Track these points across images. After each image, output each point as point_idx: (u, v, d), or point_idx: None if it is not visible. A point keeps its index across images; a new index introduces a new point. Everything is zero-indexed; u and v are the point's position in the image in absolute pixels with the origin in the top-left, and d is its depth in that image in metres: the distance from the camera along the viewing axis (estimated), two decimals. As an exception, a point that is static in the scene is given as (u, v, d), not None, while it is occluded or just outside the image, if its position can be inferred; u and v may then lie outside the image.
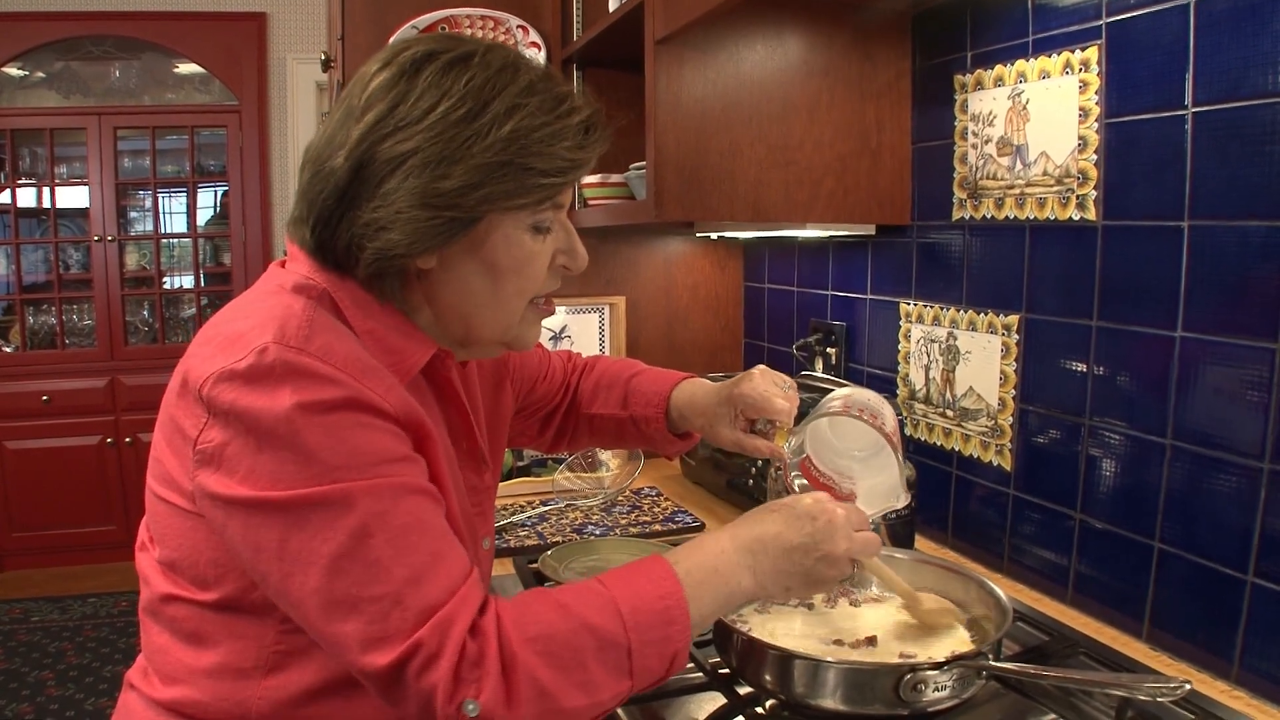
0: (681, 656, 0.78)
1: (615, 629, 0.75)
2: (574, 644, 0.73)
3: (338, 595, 0.71)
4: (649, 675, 0.77)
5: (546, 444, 1.27)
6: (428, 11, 2.02)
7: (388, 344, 0.83)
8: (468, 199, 0.78)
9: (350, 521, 0.71)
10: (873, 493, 1.03)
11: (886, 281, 1.70)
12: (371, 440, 0.74)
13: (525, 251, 0.85)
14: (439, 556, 0.74)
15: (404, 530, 0.73)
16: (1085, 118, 1.23)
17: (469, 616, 0.72)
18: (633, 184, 1.76)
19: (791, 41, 1.54)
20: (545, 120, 0.80)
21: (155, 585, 0.84)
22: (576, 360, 1.28)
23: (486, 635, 0.72)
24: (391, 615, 0.70)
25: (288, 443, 0.71)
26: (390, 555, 0.71)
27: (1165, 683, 0.81)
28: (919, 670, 0.86)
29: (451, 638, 0.70)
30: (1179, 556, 1.14)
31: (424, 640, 0.70)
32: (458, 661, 0.70)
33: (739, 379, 1.06)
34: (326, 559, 0.71)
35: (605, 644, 0.74)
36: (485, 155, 0.78)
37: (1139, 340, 1.18)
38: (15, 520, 4.00)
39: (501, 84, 0.80)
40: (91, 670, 3.25)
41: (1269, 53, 0.99)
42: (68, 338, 4.14)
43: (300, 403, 0.71)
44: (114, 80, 4.20)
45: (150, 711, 0.84)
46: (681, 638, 0.77)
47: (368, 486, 0.72)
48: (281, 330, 0.75)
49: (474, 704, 0.69)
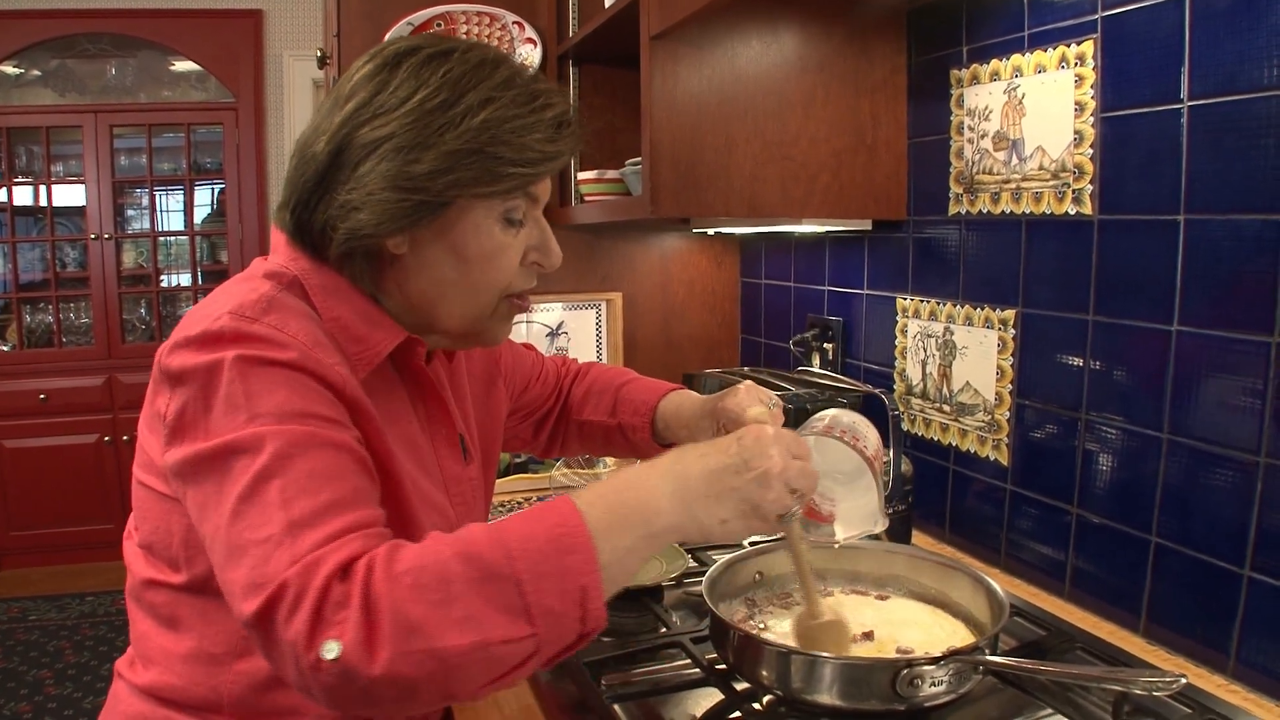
0: (593, 595, 0.67)
1: (499, 559, 0.66)
2: (448, 575, 0.65)
3: (233, 540, 0.68)
4: (553, 618, 0.66)
5: (540, 448, 1.29)
6: (423, 8, 2.02)
7: (354, 332, 0.84)
8: (436, 183, 0.80)
9: (256, 465, 0.69)
10: (851, 515, 1.03)
11: (883, 277, 1.70)
12: (301, 395, 0.74)
13: (495, 242, 0.86)
14: (335, 505, 0.69)
15: (306, 476, 0.69)
16: (1081, 112, 1.23)
17: (342, 558, 0.65)
18: (629, 180, 1.76)
19: (787, 37, 1.54)
20: (518, 113, 0.82)
21: (136, 571, 0.87)
22: (570, 366, 1.29)
23: (354, 575, 0.64)
24: (271, 559, 0.65)
25: (225, 391, 0.72)
26: (283, 500, 0.68)
27: (1161, 677, 0.81)
28: (916, 665, 0.86)
29: (317, 577, 0.64)
30: (1176, 551, 1.14)
31: (289, 581, 0.64)
32: (319, 602, 0.63)
33: (724, 393, 1.05)
34: (231, 502, 0.69)
35: (488, 575, 0.65)
36: (456, 142, 0.80)
37: (1135, 334, 1.18)
38: (13, 519, 4.00)
39: (479, 78, 0.82)
40: (90, 669, 3.25)
41: (1264, 46, 0.99)
42: (65, 336, 4.14)
43: (241, 355, 0.73)
44: (110, 78, 4.19)
45: (133, 698, 0.87)
46: (586, 570, 0.67)
47: (280, 431, 0.70)
48: (239, 306, 0.77)
49: (334, 644, 0.62)
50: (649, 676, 1.05)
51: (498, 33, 2.06)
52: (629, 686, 1.03)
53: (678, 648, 1.09)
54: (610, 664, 1.06)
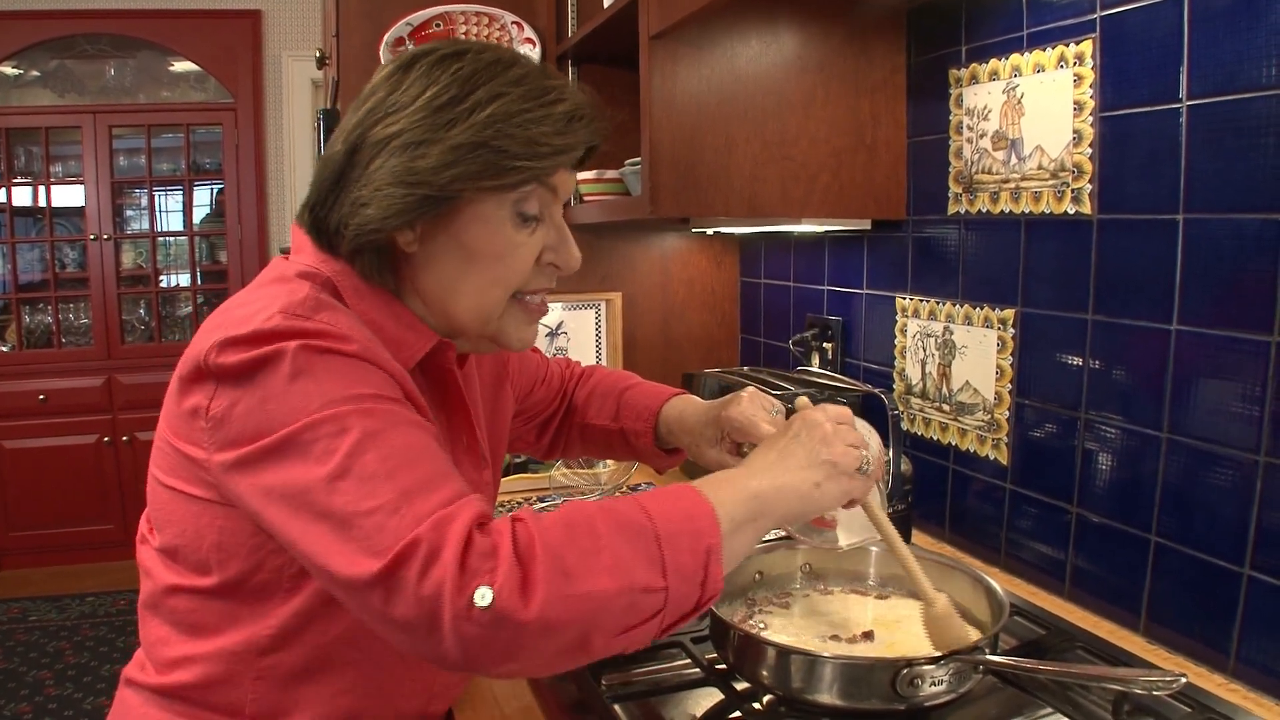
0: (715, 559, 0.72)
1: (639, 516, 0.71)
2: (595, 526, 0.69)
3: (334, 514, 0.67)
4: (682, 576, 0.70)
5: (543, 450, 1.28)
6: (422, 8, 2.02)
7: (388, 334, 0.84)
8: (440, 176, 0.80)
9: (345, 442, 0.69)
10: (853, 521, 1.03)
11: (882, 276, 1.70)
12: (373, 381, 0.75)
13: (504, 239, 0.86)
14: (440, 476, 0.70)
15: (402, 449, 0.70)
16: (1080, 111, 1.23)
17: (474, 513, 0.67)
18: (628, 180, 1.76)
19: (786, 37, 1.54)
20: (526, 106, 0.82)
21: (157, 577, 0.85)
22: (575, 369, 1.29)
23: (499, 529, 0.67)
24: (388, 525, 0.66)
25: (291, 380, 0.71)
26: (386, 471, 0.68)
27: (1161, 676, 0.81)
28: (916, 665, 0.86)
29: (454, 531, 0.65)
30: (1175, 550, 1.14)
31: (422, 537, 0.65)
32: (463, 552, 0.64)
33: (728, 400, 1.05)
34: (323, 481, 0.68)
35: (631, 527, 0.69)
36: (461, 136, 0.80)
37: (1134, 334, 1.18)
38: (13, 519, 4.00)
39: (489, 75, 0.82)
40: (90, 669, 3.25)
41: (1263, 46, 0.99)
42: (64, 337, 4.13)
43: (305, 344, 0.73)
44: (109, 78, 4.19)
45: (148, 705, 0.86)
46: (712, 533, 0.72)
47: (364, 410, 0.71)
48: (289, 305, 0.76)
49: (488, 590, 0.63)
50: (649, 676, 1.05)
51: (496, 33, 2.06)
52: (629, 686, 1.03)
53: (678, 648, 1.09)
54: (610, 664, 1.06)
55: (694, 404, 1.13)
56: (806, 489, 0.83)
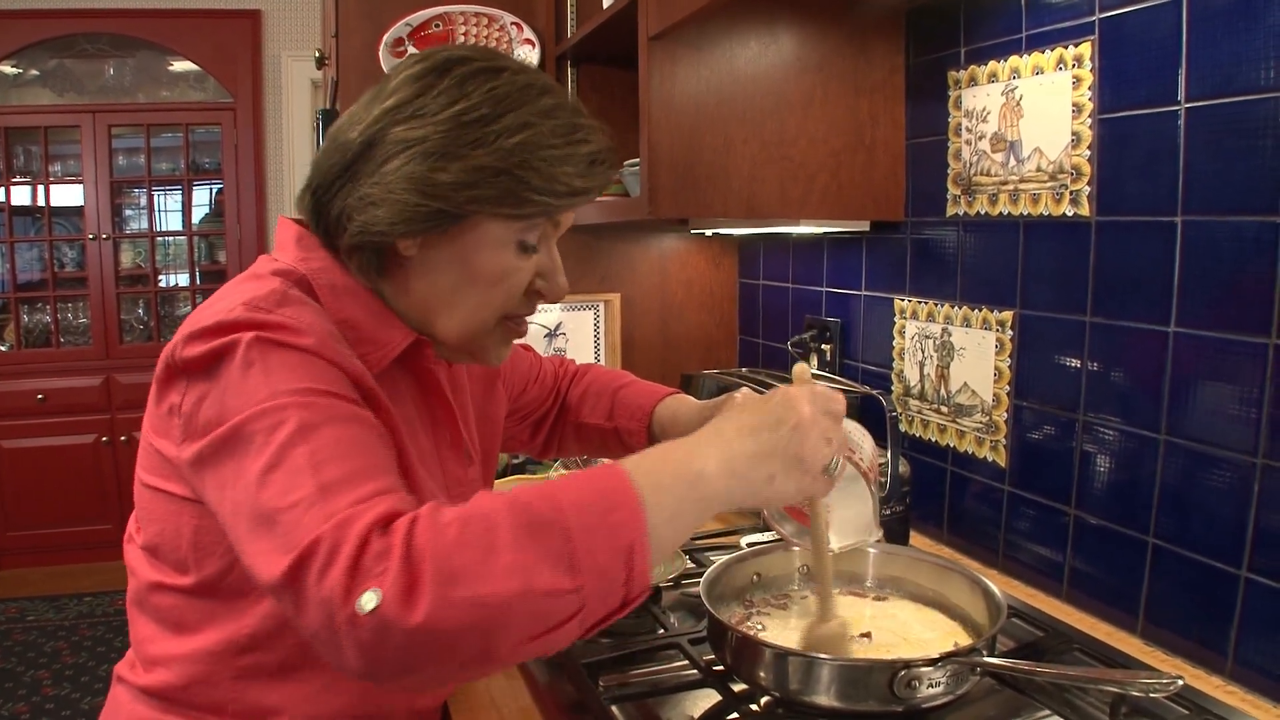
0: (640, 555, 0.65)
1: (547, 509, 0.64)
2: (494, 523, 0.63)
3: (260, 509, 0.66)
4: (599, 574, 0.64)
5: (538, 449, 1.29)
6: (422, 8, 2.02)
7: (364, 332, 0.84)
8: (458, 195, 0.80)
9: (281, 434, 0.68)
10: (846, 524, 1.03)
11: (881, 278, 1.70)
12: (322, 376, 0.74)
13: (505, 264, 0.86)
14: (368, 470, 0.68)
15: (334, 442, 0.68)
16: (1079, 113, 1.23)
17: (381, 512, 0.64)
18: (627, 181, 1.76)
19: (785, 37, 1.54)
20: (554, 142, 0.82)
21: (141, 574, 0.87)
22: (569, 367, 1.29)
23: (396, 528, 0.62)
24: (303, 521, 0.63)
25: (242, 370, 0.72)
26: (312, 465, 0.66)
27: (1159, 678, 0.81)
28: (913, 667, 0.86)
29: (354, 530, 0.62)
30: (1173, 552, 1.14)
31: (323, 536, 0.62)
32: (357, 553, 0.61)
33: (720, 403, 1.05)
34: (255, 474, 0.67)
35: (536, 523, 0.63)
36: (485, 159, 0.80)
37: (1133, 336, 1.18)
38: (10, 519, 3.99)
39: (522, 100, 0.82)
40: (87, 669, 3.24)
41: (1261, 48, 0.99)
42: (62, 336, 4.13)
43: (259, 336, 0.73)
44: (108, 78, 4.19)
45: (135, 702, 0.87)
46: (634, 527, 0.65)
47: (304, 402, 0.70)
48: (252, 299, 0.77)
49: (372, 595, 0.59)
50: (647, 678, 1.05)
51: (496, 33, 2.06)
52: (627, 688, 1.03)
53: (675, 649, 1.09)
54: (608, 665, 1.06)
55: (687, 405, 1.13)
56: (759, 483, 0.76)
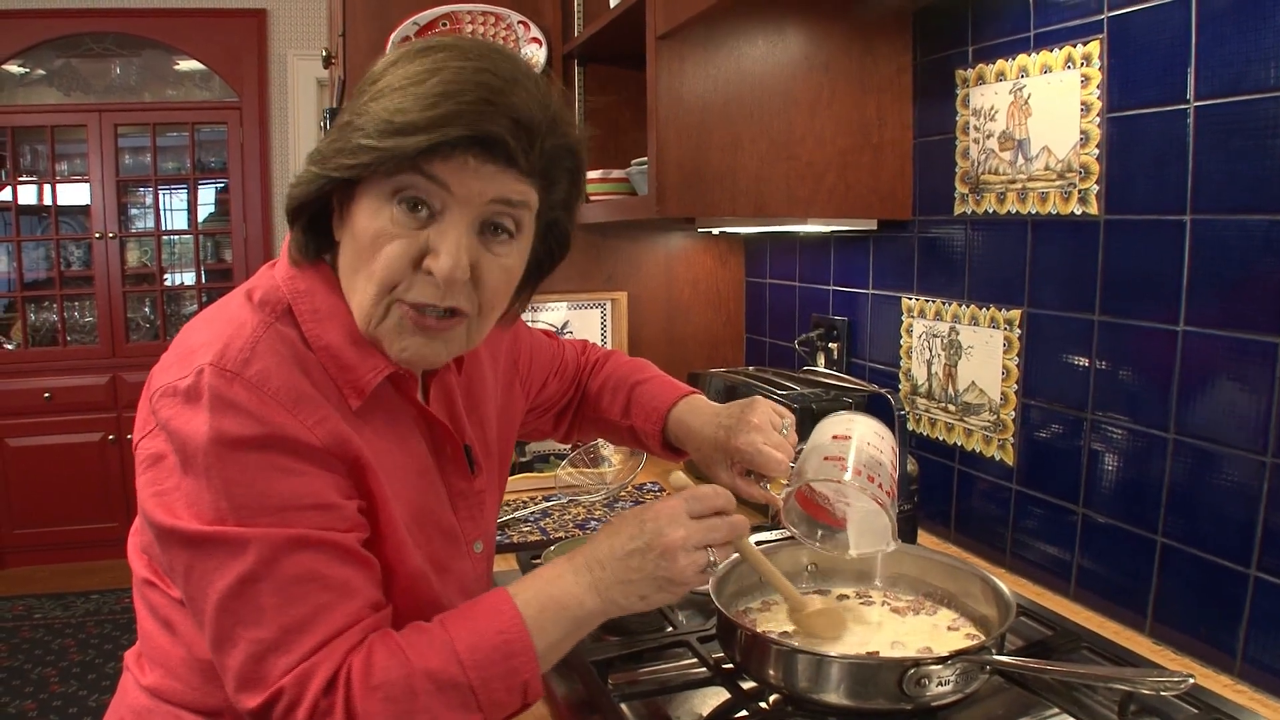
0: (534, 685, 0.79)
1: (454, 671, 0.76)
2: (413, 688, 0.74)
3: (225, 629, 0.74)
4: (500, 707, 0.78)
5: (560, 436, 1.30)
6: (429, 7, 2.02)
7: (343, 360, 0.82)
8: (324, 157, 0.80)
9: (240, 566, 0.73)
10: (864, 527, 1.02)
11: (888, 276, 1.70)
12: (282, 485, 0.75)
13: (379, 227, 0.79)
14: (323, 610, 0.75)
15: (293, 581, 0.74)
16: (1087, 112, 1.23)
17: (330, 669, 0.74)
18: (634, 180, 1.76)
19: (792, 36, 1.54)
20: (401, 85, 0.76)
21: (137, 570, 0.88)
22: (590, 355, 1.28)
23: (337, 690, 0.73)
24: (267, 658, 0.73)
25: (203, 474, 0.74)
26: (274, 604, 0.73)
27: (1168, 677, 0.81)
28: (922, 665, 0.86)
29: (310, 690, 0.72)
30: (1182, 551, 1.14)
31: (285, 689, 0.73)
32: (310, 713, 0.72)
33: (736, 424, 1.04)
34: (217, 595, 0.74)
35: (445, 686, 0.75)
36: (344, 116, 0.81)
37: (1141, 334, 1.18)
38: (17, 517, 4.01)
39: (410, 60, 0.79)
40: (94, 667, 3.25)
41: (1270, 47, 0.99)
42: (69, 335, 4.15)
43: (218, 436, 0.73)
44: (114, 77, 4.20)
45: (140, 693, 0.88)
46: (528, 668, 0.78)
47: (264, 534, 0.74)
48: (224, 351, 0.76)
49: None
50: (656, 675, 1.06)
51: (503, 32, 2.07)
52: (636, 685, 1.03)
53: (684, 647, 1.09)
54: (617, 663, 1.06)
55: (701, 415, 1.12)
56: (634, 602, 0.83)
